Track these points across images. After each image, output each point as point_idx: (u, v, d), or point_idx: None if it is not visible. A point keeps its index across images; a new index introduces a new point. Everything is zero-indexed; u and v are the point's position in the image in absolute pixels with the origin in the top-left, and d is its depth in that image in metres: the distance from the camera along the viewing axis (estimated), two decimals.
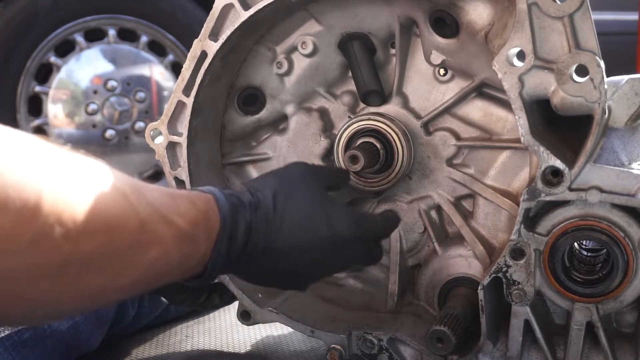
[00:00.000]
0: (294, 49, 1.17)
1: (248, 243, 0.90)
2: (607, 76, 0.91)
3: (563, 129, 0.97)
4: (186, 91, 1.13)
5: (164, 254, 0.75)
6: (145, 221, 0.71)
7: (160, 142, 1.17)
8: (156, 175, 2.82)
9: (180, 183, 1.18)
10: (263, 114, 1.22)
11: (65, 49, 2.66)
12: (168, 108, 1.15)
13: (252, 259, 0.92)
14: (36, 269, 0.59)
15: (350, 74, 1.17)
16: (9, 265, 0.57)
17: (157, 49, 2.77)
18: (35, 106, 2.67)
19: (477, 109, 1.11)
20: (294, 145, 1.22)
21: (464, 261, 1.12)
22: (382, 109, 1.15)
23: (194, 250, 0.83)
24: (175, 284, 1.24)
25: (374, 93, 1.14)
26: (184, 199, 0.83)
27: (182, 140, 1.15)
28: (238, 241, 0.89)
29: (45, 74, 2.66)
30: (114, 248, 0.67)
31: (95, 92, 2.72)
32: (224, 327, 1.40)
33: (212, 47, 1.09)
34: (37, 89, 2.64)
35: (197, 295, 1.27)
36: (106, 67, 2.75)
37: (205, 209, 0.85)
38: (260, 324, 1.28)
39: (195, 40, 1.11)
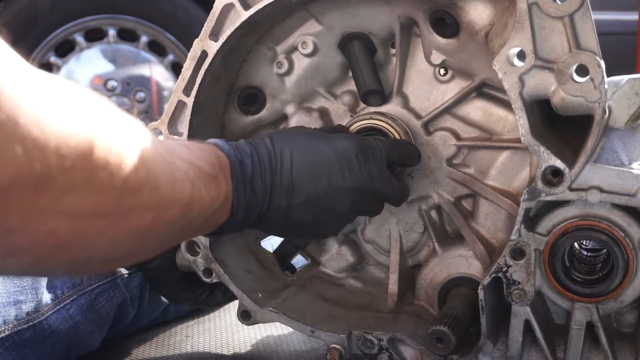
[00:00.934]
0: (294, 48, 1.17)
1: (258, 178, 0.93)
2: (608, 76, 0.91)
3: (563, 129, 0.97)
4: (186, 91, 1.13)
5: (194, 195, 0.79)
6: (173, 162, 0.76)
7: None
8: None
9: None
10: (263, 113, 1.22)
11: (66, 49, 2.67)
12: (168, 108, 1.15)
13: (269, 201, 0.95)
14: (94, 205, 0.62)
15: (350, 74, 1.17)
16: (74, 201, 0.60)
17: (157, 49, 2.77)
18: None
19: (477, 109, 1.11)
20: None
21: (464, 261, 1.12)
22: (383, 109, 1.15)
23: (218, 191, 0.86)
24: (175, 284, 1.25)
25: (374, 93, 1.14)
26: (195, 146, 0.88)
27: (183, 140, 1.15)
28: (250, 177, 0.92)
29: None
30: (157, 184, 0.71)
31: (95, 92, 2.73)
32: (224, 327, 1.40)
33: (213, 47, 1.09)
34: None
35: (198, 294, 1.27)
36: (106, 67, 2.76)
37: (214, 152, 0.90)
38: (260, 324, 1.28)
39: (196, 40, 1.11)
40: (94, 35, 2.68)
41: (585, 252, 1.07)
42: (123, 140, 0.66)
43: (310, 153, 0.98)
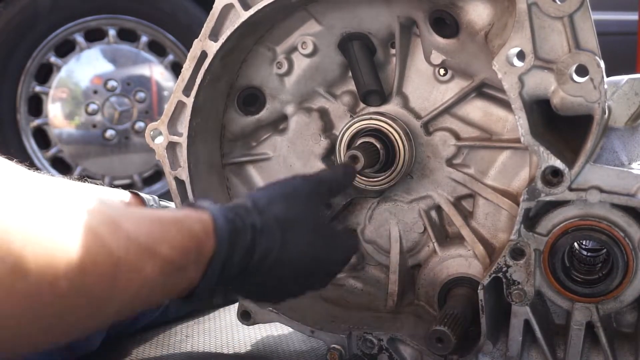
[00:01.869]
0: (294, 49, 1.17)
1: (245, 269, 0.84)
2: (607, 76, 0.91)
3: (563, 129, 0.97)
4: (186, 91, 1.13)
5: (144, 287, 0.71)
6: (119, 257, 0.67)
7: (160, 142, 1.17)
8: (156, 175, 2.82)
9: (180, 183, 1.18)
10: (263, 114, 1.22)
11: (66, 49, 2.66)
12: (168, 108, 1.15)
13: (244, 281, 0.87)
14: (7, 323, 0.56)
15: (350, 74, 1.17)
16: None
17: (157, 49, 2.77)
18: (36, 106, 2.67)
19: (477, 109, 1.11)
20: (294, 145, 1.22)
21: (464, 261, 1.12)
22: (382, 109, 1.15)
23: (182, 278, 0.78)
24: None
25: (374, 93, 1.14)
26: (175, 225, 0.77)
27: (182, 140, 1.15)
28: (233, 267, 0.83)
29: (45, 74, 2.66)
30: (87, 289, 0.63)
31: (95, 92, 2.72)
32: (224, 327, 1.40)
33: (212, 47, 1.09)
34: (37, 89, 2.64)
35: None
36: (106, 67, 2.75)
37: (198, 233, 0.79)
38: (260, 324, 1.28)
39: (195, 40, 1.11)
40: (94, 35, 2.67)
41: (585, 252, 1.07)
42: (39, 242, 0.58)
43: (310, 261, 0.93)
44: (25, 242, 0.57)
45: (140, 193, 1.24)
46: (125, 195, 1.21)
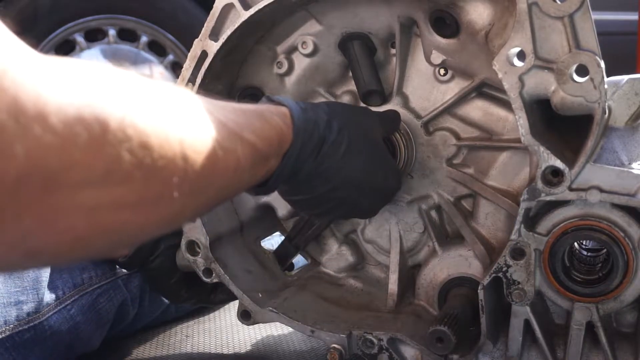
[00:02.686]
0: (294, 49, 1.17)
1: (316, 159, 0.90)
2: (607, 76, 0.91)
3: (563, 129, 0.97)
4: None
5: (237, 171, 0.74)
6: (219, 142, 0.69)
7: None
8: None
9: None
10: None
11: (66, 49, 2.66)
12: None
13: (312, 177, 0.92)
14: (115, 198, 0.56)
15: (350, 74, 1.17)
16: (90, 197, 0.53)
17: (157, 49, 2.77)
18: None
19: (477, 109, 1.11)
20: None
21: (464, 261, 1.12)
22: (383, 108, 1.15)
23: (263, 165, 0.82)
24: (175, 284, 1.25)
25: (374, 93, 1.14)
26: (258, 116, 0.82)
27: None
28: (307, 156, 0.89)
29: None
30: (191, 172, 0.64)
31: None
32: (224, 327, 1.40)
33: (213, 47, 1.09)
34: None
35: (200, 293, 1.27)
36: None
37: (279, 125, 0.84)
38: (260, 324, 1.28)
39: (196, 40, 1.11)
40: (94, 36, 2.67)
41: (585, 252, 1.07)
42: (150, 119, 0.57)
43: (368, 173, 0.99)
44: (149, 124, 0.57)
45: None
46: None
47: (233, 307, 1.46)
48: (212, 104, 0.72)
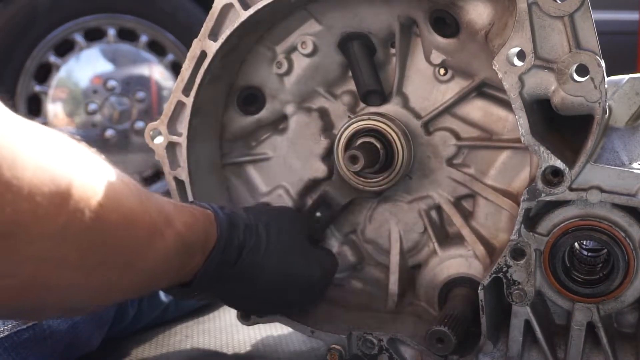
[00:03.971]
0: (293, 48, 1.17)
1: (237, 263, 0.95)
2: (608, 76, 0.90)
3: (563, 128, 0.97)
4: (186, 91, 1.12)
5: (166, 255, 0.78)
6: (153, 219, 0.75)
7: (159, 142, 1.17)
8: (156, 175, 2.82)
9: (180, 183, 1.18)
10: (263, 114, 1.22)
11: (65, 48, 2.66)
12: (168, 108, 1.15)
13: (234, 279, 0.97)
14: (66, 255, 0.61)
15: (350, 73, 1.16)
16: (44, 250, 0.58)
17: (157, 49, 2.76)
18: (35, 106, 2.67)
19: (477, 109, 1.11)
20: (294, 145, 1.22)
21: (464, 261, 1.12)
22: (382, 108, 1.15)
23: (189, 259, 0.86)
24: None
25: (374, 93, 1.14)
26: (187, 210, 0.87)
27: (182, 140, 1.15)
28: (230, 259, 0.94)
29: (44, 73, 2.66)
30: (129, 240, 0.70)
31: (95, 91, 2.72)
32: (224, 327, 1.40)
33: (212, 47, 1.09)
34: (37, 88, 2.64)
35: None
36: (106, 66, 2.75)
37: (204, 223, 0.90)
38: (260, 324, 1.28)
39: (195, 40, 1.11)
40: (94, 35, 2.67)
41: (585, 252, 1.06)
42: (102, 195, 0.64)
43: (292, 265, 1.06)
44: (84, 186, 0.63)
45: None
46: None
47: None
48: (148, 192, 0.79)
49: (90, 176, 0.63)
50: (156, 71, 2.79)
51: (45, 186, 0.57)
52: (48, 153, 0.59)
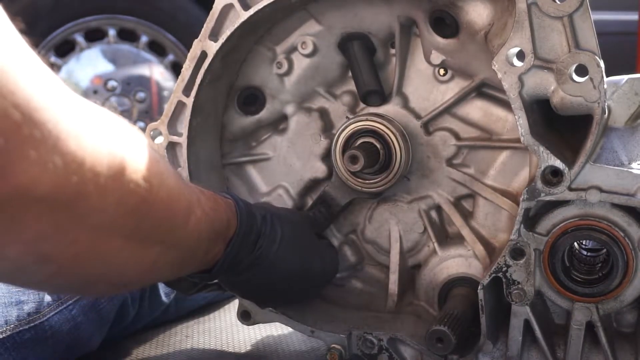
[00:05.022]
0: (293, 49, 1.17)
1: (254, 252, 0.98)
2: (607, 76, 0.91)
3: (563, 128, 0.97)
4: (186, 91, 1.13)
5: (199, 235, 0.83)
6: (189, 199, 0.80)
7: (160, 142, 1.17)
8: None
9: None
10: (263, 114, 1.22)
11: (65, 49, 2.67)
12: (168, 108, 1.15)
13: (251, 268, 0.99)
14: (121, 225, 0.66)
15: (350, 74, 1.17)
16: (103, 217, 0.63)
17: (157, 49, 2.77)
18: None
19: (477, 109, 1.11)
20: (294, 145, 1.22)
21: (464, 261, 1.12)
22: (382, 109, 1.15)
23: (213, 245, 0.90)
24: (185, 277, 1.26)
25: (374, 93, 1.14)
26: (211, 195, 0.91)
27: (182, 140, 1.15)
28: (248, 247, 0.96)
29: None
30: (173, 216, 0.76)
31: (95, 92, 2.73)
32: (224, 327, 1.40)
33: (212, 47, 1.09)
34: None
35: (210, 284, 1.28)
36: (106, 67, 2.76)
37: (227, 211, 0.93)
38: (260, 324, 1.28)
39: (195, 40, 1.11)
40: (94, 35, 2.67)
41: (585, 252, 1.07)
42: (151, 170, 0.69)
43: (305, 259, 1.09)
44: (137, 164, 0.67)
45: None
46: None
47: (233, 307, 1.46)
48: (180, 175, 0.86)
49: (139, 152, 0.68)
50: (156, 71, 2.79)
51: (104, 159, 0.61)
52: (103, 129, 0.64)
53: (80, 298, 1.20)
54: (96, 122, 0.63)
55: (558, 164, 0.91)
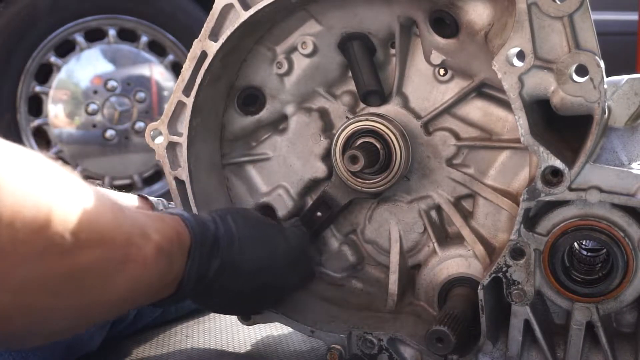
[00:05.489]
0: (294, 49, 1.17)
1: (217, 254, 0.95)
2: (607, 76, 0.91)
3: (563, 129, 0.97)
4: (186, 91, 1.13)
5: (145, 269, 0.79)
6: (129, 235, 0.76)
7: (160, 142, 1.17)
8: (156, 175, 2.82)
9: (180, 183, 1.18)
10: (263, 114, 1.22)
11: (66, 49, 2.66)
12: (168, 108, 1.15)
13: (220, 275, 0.96)
14: (44, 280, 0.61)
15: (350, 74, 1.17)
16: (23, 275, 0.58)
17: (157, 49, 2.77)
18: (36, 106, 2.68)
19: (477, 109, 1.11)
20: (294, 145, 1.22)
21: (464, 261, 1.12)
22: (382, 109, 1.15)
23: (170, 267, 0.86)
24: None
25: (374, 93, 1.14)
26: (156, 217, 0.88)
27: (182, 140, 1.15)
28: (208, 253, 0.94)
29: (45, 74, 2.67)
30: (107, 260, 0.71)
31: (95, 92, 2.72)
32: (224, 327, 1.40)
33: (212, 47, 1.09)
34: (38, 89, 2.64)
35: None
36: (106, 67, 2.75)
37: (175, 226, 0.90)
38: (260, 324, 1.28)
39: (195, 40, 1.11)
40: (94, 36, 2.67)
41: (584, 252, 1.07)
42: (82, 216, 0.65)
43: (269, 244, 1.07)
44: (65, 212, 0.64)
45: (148, 197, 1.25)
46: (134, 200, 1.21)
47: None
48: (125, 206, 0.80)
49: (68, 199, 0.64)
50: (156, 71, 2.79)
51: (26, 212, 0.58)
52: (29, 178, 0.60)
53: None
54: (22, 172, 0.59)
55: (558, 164, 0.91)
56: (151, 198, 1.25)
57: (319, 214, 1.19)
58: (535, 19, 0.88)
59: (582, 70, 0.88)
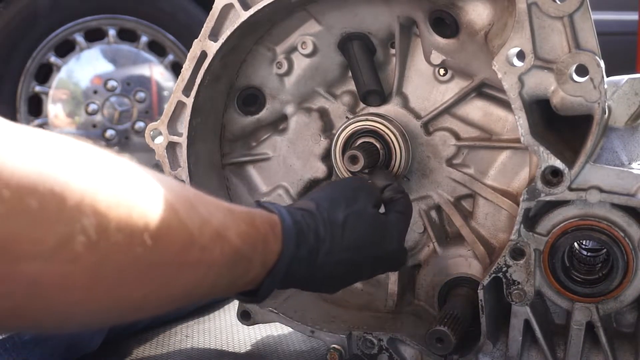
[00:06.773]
0: (293, 49, 1.17)
1: (307, 268, 0.86)
2: (607, 76, 0.91)
3: (563, 129, 0.97)
4: (186, 91, 1.13)
5: (213, 274, 0.71)
6: (194, 236, 0.67)
7: (160, 142, 1.17)
8: None
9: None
10: (263, 114, 1.22)
11: (66, 49, 2.66)
12: (168, 108, 1.15)
13: (308, 278, 0.89)
14: (68, 274, 0.54)
15: (350, 74, 1.17)
16: (38, 269, 0.52)
17: (157, 49, 2.77)
18: (36, 106, 2.67)
19: (477, 109, 1.11)
20: (294, 145, 1.22)
21: (464, 261, 1.12)
22: (382, 109, 1.15)
23: (246, 271, 0.78)
24: None
25: (374, 93, 1.14)
26: (245, 218, 0.78)
27: (182, 140, 1.15)
28: (298, 267, 0.84)
29: (45, 74, 2.66)
30: (155, 260, 0.62)
31: (95, 92, 2.72)
32: (224, 327, 1.40)
33: (212, 47, 1.09)
34: (37, 89, 2.64)
35: None
36: (106, 67, 2.75)
37: (265, 231, 0.80)
38: (260, 324, 1.28)
39: (195, 40, 1.11)
40: (94, 35, 2.67)
41: (585, 252, 1.07)
42: (113, 202, 0.57)
43: (365, 251, 0.94)
44: (111, 205, 0.56)
45: None
46: None
47: (233, 307, 1.46)
48: (202, 199, 0.72)
49: (93, 188, 0.56)
50: (156, 71, 2.79)
51: (60, 202, 0.52)
52: (69, 168, 0.55)
53: None
54: (33, 145, 0.54)
55: (558, 164, 0.91)
56: None
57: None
58: (535, 19, 0.88)
59: (582, 70, 0.88)
